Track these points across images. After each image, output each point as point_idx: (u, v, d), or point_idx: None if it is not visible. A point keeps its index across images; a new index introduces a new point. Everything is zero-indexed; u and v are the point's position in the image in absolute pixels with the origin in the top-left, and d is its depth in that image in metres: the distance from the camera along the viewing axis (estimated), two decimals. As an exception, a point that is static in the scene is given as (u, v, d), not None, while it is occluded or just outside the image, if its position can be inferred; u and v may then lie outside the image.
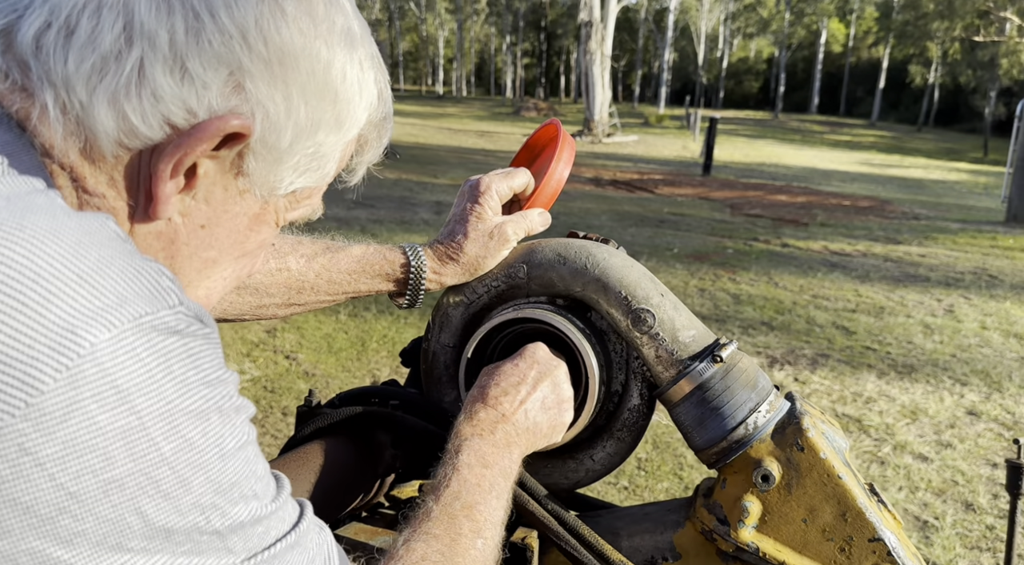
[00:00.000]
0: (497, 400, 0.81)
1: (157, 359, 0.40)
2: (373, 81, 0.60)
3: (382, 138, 0.66)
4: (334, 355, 4.68)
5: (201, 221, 0.54)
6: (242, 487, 0.45)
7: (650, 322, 0.90)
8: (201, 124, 0.49)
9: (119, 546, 0.40)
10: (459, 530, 0.68)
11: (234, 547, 0.45)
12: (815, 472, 0.83)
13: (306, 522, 0.51)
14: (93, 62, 0.47)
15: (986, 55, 34.77)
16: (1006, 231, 9.93)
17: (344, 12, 0.56)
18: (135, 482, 0.39)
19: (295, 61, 0.52)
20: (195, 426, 0.42)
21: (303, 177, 0.58)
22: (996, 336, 5.44)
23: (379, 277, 0.92)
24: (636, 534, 0.93)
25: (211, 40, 0.48)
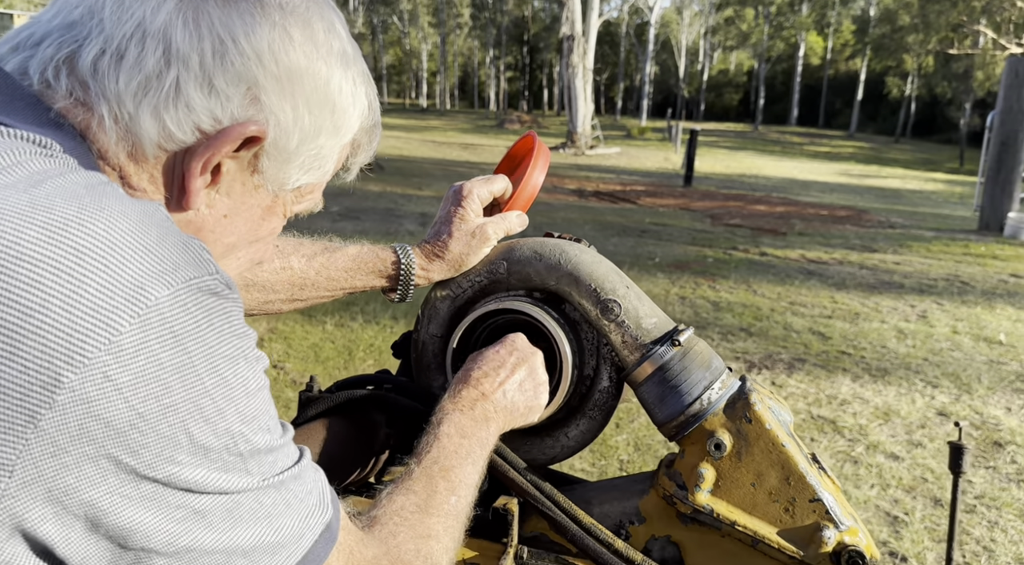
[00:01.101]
0: (478, 381, 0.92)
1: (202, 312, 0.51)
2: (364, 94, 0.72)
3: (372, 142, 0.78)
4: (321, 364, 4.75)
5: (224, 211, 0.66)
6: (260, 421, 0.55)
7: (616, 311, 1.01)
8: (225, 129, 0.60)
9: (171, 458, 0.50)
10: (435, 488, 0.79)
11: (252, 470, 0.55)
12: (762, 441, 0.94)
13: (306, 461, 0.62)
14: (139, 81, 0.58)
15: (961, 67, 35.43)
16: (978, 239, 10.17)
17: (340, 37, 0.68)
18: (185, 408, 0.49)
19: (301, 78, 0.64)
20: (229, 367, 0.52)
21: (307, 175, 0.70)
22: (967, 340, 5.60)
23: (373, 274, 1.03)
24: (606, 502, 1.03)
25: (233, 61, 0.60)
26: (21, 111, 0.56)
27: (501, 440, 1.02)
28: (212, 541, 0.53)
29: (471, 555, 0.98)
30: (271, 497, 0.57)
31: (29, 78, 0.59)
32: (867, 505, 3.30)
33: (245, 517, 0.55)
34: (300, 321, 5.51)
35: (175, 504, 0.51)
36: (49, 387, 0.45)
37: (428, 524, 0.75)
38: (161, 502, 0.50)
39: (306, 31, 0.64)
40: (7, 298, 0.44)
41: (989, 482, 3.53)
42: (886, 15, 44.97)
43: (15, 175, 0.50)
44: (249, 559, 0.55)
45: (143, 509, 0.50)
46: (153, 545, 0.51)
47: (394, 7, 60.99)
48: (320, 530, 0.61)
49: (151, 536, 0.51)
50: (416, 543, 0.73)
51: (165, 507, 0.51)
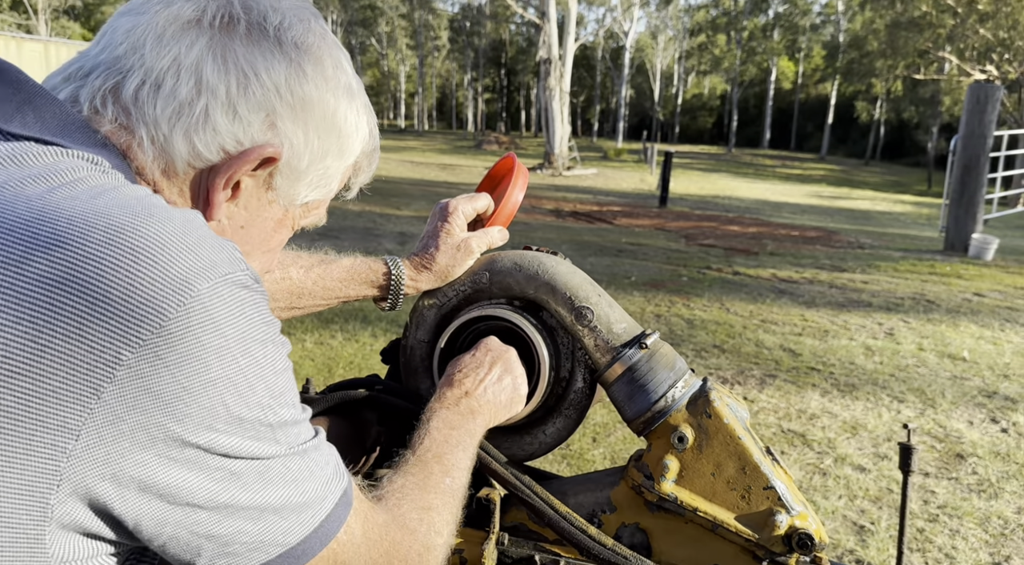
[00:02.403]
0: (460, 381, 1.02)
1: (237, 302, 0.59)
2: (366, 122, 0.82)
3: (371, 165, 0.89)
4: (300, 382, 4.76)
5: (241, 223, 0.76)
6: (286, 396, 0.64)
7: (589, 317, 1.10)
8: (246, 150, 0.70)
9: (211, 427, 0.58)
10: (430, 470, 0.88)
11: (280, 439, 0.63)
12: (720, 434, 1.04)
13: (321, 436, 0.71)
14: (174, 107, 0.68)
15: (928, 92, 36.34)
16: (943, 259, 10.45)
17: (346, 73, 0.78)
18: (223, 383, 0.58)
19: (312, 107, 0.74)
20: (259, 349, 0.61)
21: (314, 192, 0.80)
22: (932, 357, 5.77)
23: (365, 284, 1.12)
24: (580, 493, 1.12)
25: (255, 92, 0.70)
26: (74, 134, 0.65)
27: (484, 437, 1.11)
28: (247, 499, 0.61)
29: (456, 542, 1.06)
30: (296, 464, 0.65)
31: (79, 105, 0.68)
32: (835, 515, 3.41)
33: (275, 480, 0.63)
34: (279, 339, 5.55)
35: (215, 466, 0.59)
36: (111, 364, 0.53)
37: (427, 498, 0.84)
38: (203, 464, 0.58)
39: (317, 67, 0.74)
40: (77, 290, 0.53)
41: (951, 493, 3.65)
42: (855, 41, 46.06)
43: (79, 188, 0.59)
44: (280, 516, 0.63)
45: (187, 470, 0.58)
46: (197, 501, 0.59)
47: (372, 29, 61.35)
48: (339, 495, 0.69)
49: (195, 493, 0.59)
50: (419, 513, 0.81)
51: (206, 469, 0.59)
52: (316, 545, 0.66)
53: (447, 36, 63.46)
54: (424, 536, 0.80)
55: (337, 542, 0.69)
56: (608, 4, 50.94)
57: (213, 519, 0.60)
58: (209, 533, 0.60)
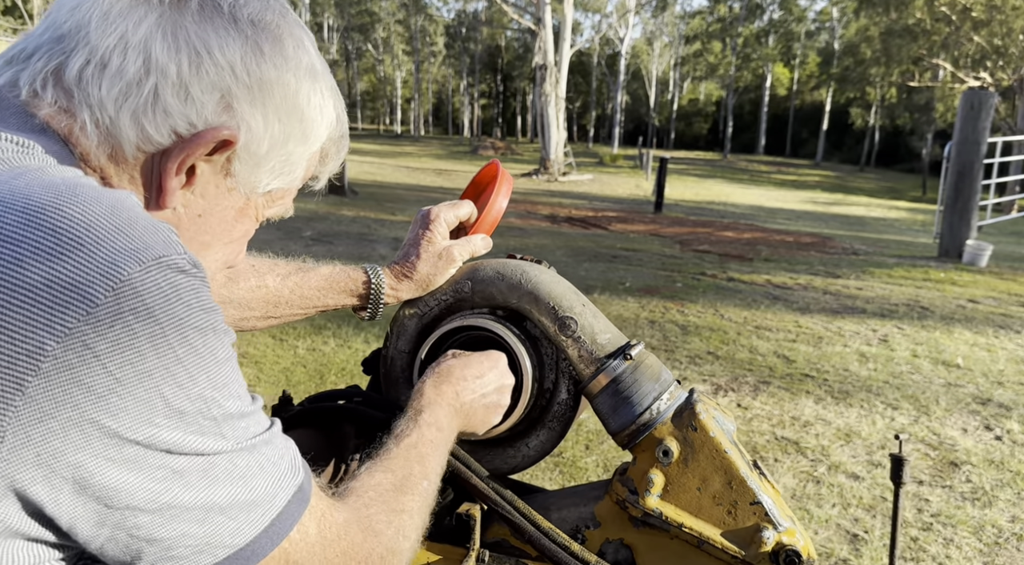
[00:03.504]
0: (458, 382, 0.99)
1: (171, 287, 0.55)
2: (332, 106, 0.78)
3: (339, 152, 0.84)
4: (292, 388, 4.76)
5: (198, 211, 0.71)
6: (231, 388, 0.60)
7: (573, 327, 1.08)
8: (200, 133, 0.66)
9: (150, 421, 0.54)
10: (411, 470, 0.84)
11: (227, 434, 0.59)
12: (706, 448, 1.01)
13: (276, 429, 0.67)
14: (120, 88, 0.64)
15: (922, 99, 36.49)
16: (938, 265, 10.46)
17: (308, 53, 0.74)
18: (159, 374, 0.54)
19: (270, 88, 0.70)
20: (198, 337, 0.57)
21: (277, 180, 0.75)
22: (926, 363, 5.76)
23: (344, 293, 1.09)
24: (564, 508, 1.09)
25: (208, 71, 0.66)
26: (7, 120, 0.62)
27: (465, 450, 1.08)
28: (191, 499, 0.57)
29: (435, 559, 1.03)
30: (245, 459, 0.61)
31: (19, 89, 0.64)
32: (828, 523, 3.39)
33: (221, 477, 0.59)
34: (271, 345, 5.52)
35: (156, 465, 0.55)
36: (34, 356, 0.50)
37: (402, 501, 0.80)
38: (143, 463, 0.55)
39: (276, 46, 0.70)
40: None
41: (945, 501, 3.63)
42: (849, 48, 46.24)
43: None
44: (227, 515, 0.60)
45: (126, 470, 0.54)
46: (137, 503, 0.55)
47: (368, 35, 61.42)
48: (293, 491, 0.65)
49: (134, 494, 0.55)
50: (389, 516, 0.78)
51: (147, 468, 0.55)
52: (266, 545, 0.63)
53: (443, 42, 63.55)
54: (390, 539, 0.76)
55: (289, 541, 0.65)
56: (604, 10, 51.08)
57: (155, 522, 0.57)
58: (151, 536, 0.57)
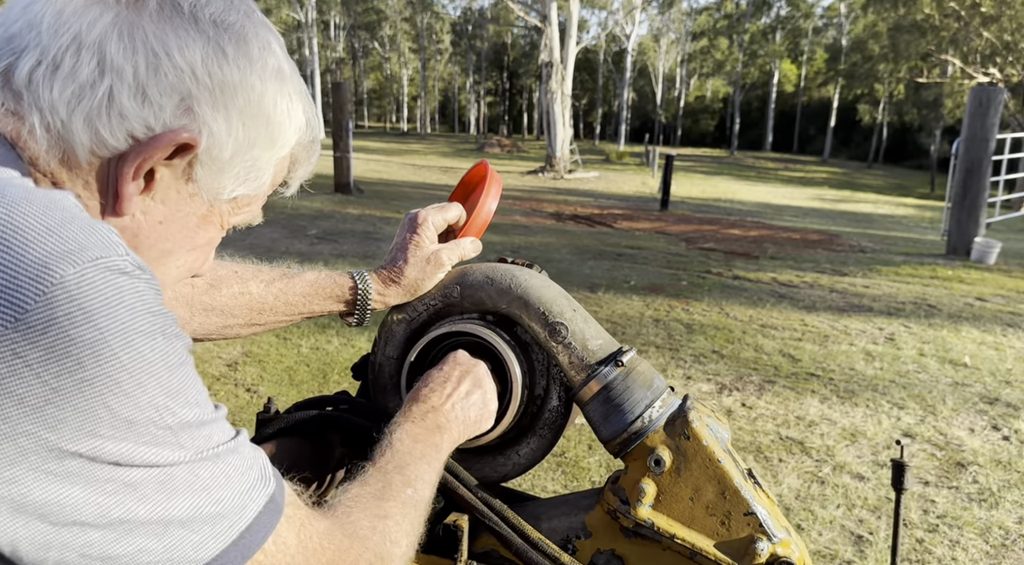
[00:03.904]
0: (426, 396, 0.97)
1: (111, 290, 0.53)
2: (301, 110, 0.75)
3: (310, 158, 0.81)
4: (295, 387, 4.75)
5: (159, 218, 0.68)
6: (186, 394, 0.57)
7: (564, 333, 1.05)
8: (157, 136, 0.63)
9: (92, 432, 0.51)
10: (390, 481, 0.82)
11: (184, 443, 0.56)
12: (699, 457, 0.99)
13: (242, 437, 0.64)
14: (73, 90, 0.61)
15: (930, 95, 36.28)
16: (945, 263, 10.38)
17: (275, 55, 0.72)
18: (101, 382, 0.51)
19: (234, 91, 0.67)
20: (145, 342, 0.54)
21: (242, 186, 0.72)
22: (932, 362, 5.71)
23: (330, 299, 1.07)
24: (554, 518, 1.07)
25: (167, 73, 0.63)
26: None
27: (454, 458, 1.06)
28: (146, 513, 0.54)
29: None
30: (208, 469, 0.58)
31: None
32: (832, 525, 3.36)
33: (180, 489, 0.56)
34: (275, 344, 5.51)
35: (104, 478, 0.52)
36: None
37: (384, 507, 0.78)
38: (88, 476, 0.52)
39: (240, 47, 0.67)
40: None
41: (951, 502, 3.60)
42: (857, 44, 46.02)
43: None
44: (189, 529, 0.57)
45: (70, 484, 0.51)
46: (85, 519, 0.52)
47: (375, 32, 61.44)
48: (264, 502, 0.62)
49: (81, 509, 0.52)
50: (372, 521, 0.75)
51: (93, 481, 0.52)
52: (236, 558, 0.60)
53: (449, 39, 63.55)
54: (377, 545, 0.74)
55: (264, 553, 0.62)
56: (610, 7, 50.94)
57: (108, 538, 0.53)
58: (104, 554, 0.54)
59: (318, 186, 16.79)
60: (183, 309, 0.97)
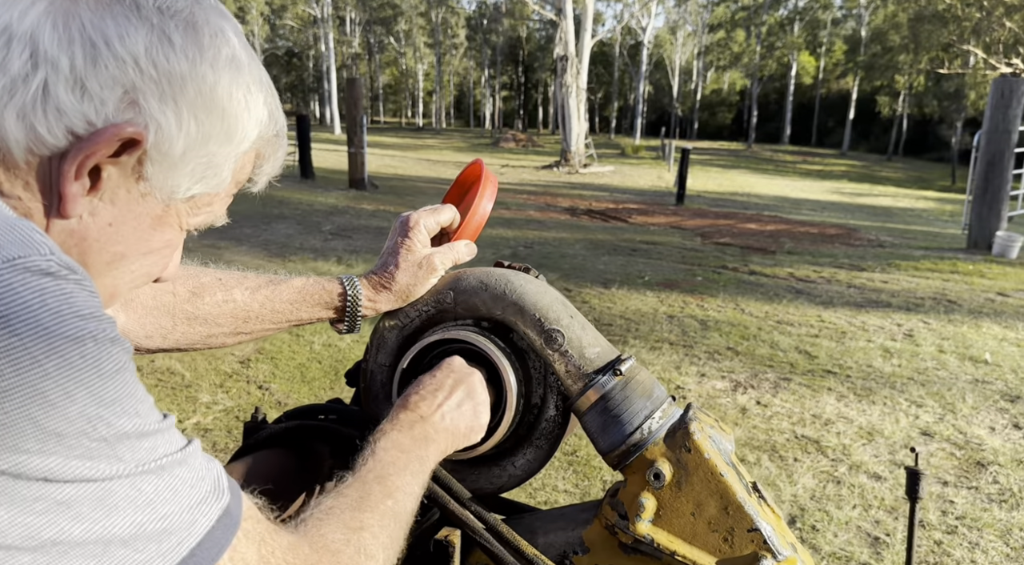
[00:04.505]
0: (416, 404, 0.93)
1: (32, 293, 0.49)
2: (263, 102, 0.70)
3: (277, 152, 0.76)
4: (307, 384, 4.74)
5: (108, 220, 0.64)
6: (124, 404, 0.53)
7: (560, 341, 1.01)
8: (98, 131, 0.59)
9: (15, 447, 0.47)
10: (369, 491, 0.78)
11: (123, 456, 0.52)
12: (701, 470, 0.95)
13: (193, 448, 0.60)
14: (4, 84, 0.57)
15: (952, 86, 35.77)
16: (966, 257, 10.22)
17: (230, 43, 0.67)
18: (22, 392, 0.48)
19: (183, 82, 0.63)
20: (72, 349, 0.50)
21: (199, 184, 0.68)
22: (952, 359, 5.61)
23: (319, 306, 1.04)
24: (551, 532, 1.03)
25: (107, 65, 0.59)
26: None
27: (447, 470, 1.02)
28: (83, 532, 0.51)
29: (413, 586, 0.98)
30: (151, 483, 0.54)
31: None
32: (848, 526, 3.30)
33: (121, 505, 0.52)
34: (287, 341, 5.51)
35: (31, 496, 0.49)
36: None
37: (360, 518, 0.74)
38: (13, 495, 0.48)
39: (189, 36, 0.63)
40: None
41: (971, 503, 3.53)
42: (877, 35, 45.46)
43: None
44: (131, 548, 0.53)
45: None
46: (12, 541, 0.48)
47: (390, 27, 61.46)
48: (216, 516, 0.58)
49: (6, 532, 0.48)
50: (346, 533, 0.71)
51: (19, 501, 0.48)
52: None
53: (465, 34, 63.44)
54: (350, 558, 0.70)
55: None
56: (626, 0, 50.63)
57: (39, 562, 0.50)
58: None
59: (333, 182, 16.83)
60: (165, 318, 0.94)
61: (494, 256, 9.16)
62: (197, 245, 8.78)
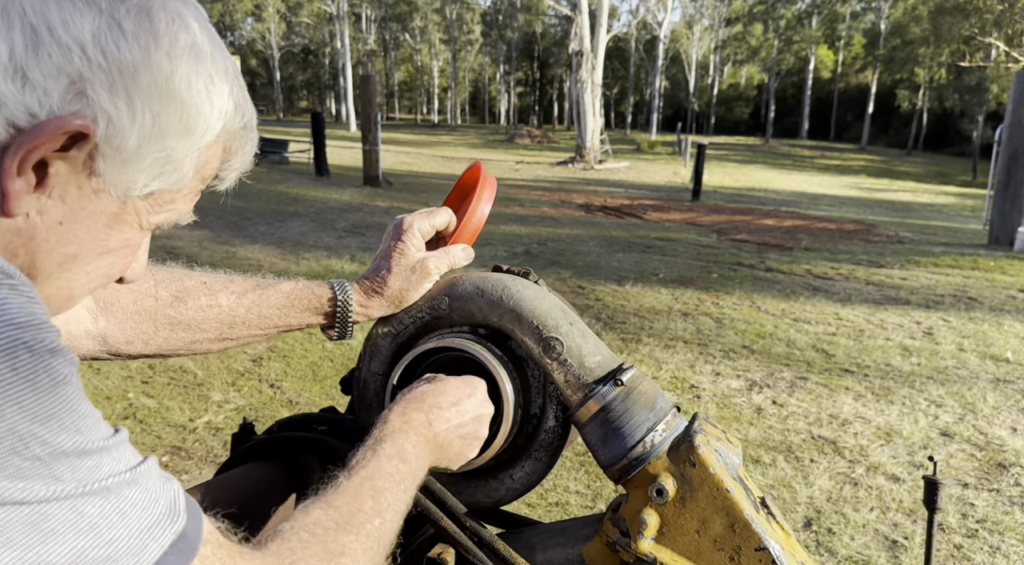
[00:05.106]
0: (430, 409, 0.88)
1: None
2: (227, 93, 0.65)
3: (247, 145, 0.71)
4: (319, 383, 4.73)
5: (58, 218, 0.60)
6: (64, 419, 0.50)
7: (559, 349, 0.97)
8: (42, 123, 0.55)
9: None
10: (360, 506, 0.73)
11: (62, 475, 0.49)
12: (706, 486, 0.90)
13: (147, 466, 0.56)
14: None
15: (973, 79, 35.29)
16: (987, 254, 10.05)
17: (188, 30, 0.62)
18: None
19: (136, 72, 0.58)
20: (2, 361, 0.47)
21: (157, 180, 0.63)
22: (973, 358, 5.51)
23: (308, 311, 1.00)
24: (550, 548, 0.99)
25: (50, 53, 0.55)
26: None
27: (441, 482, 0.98)
28: (13, 560, 0.47)
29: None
30: (96, 506, 0.51)
31: None
32: (866, 529, 3.23)
33: (59, 530, 0.48)
34: (300, 339, 5.50)
35: None
36: None
37: (343, 541, 0.70)
38: None
39: (142, 22, 0.59)
40: None
41: (992, 505, 3.45)
42: (897, 28, 44.90)
43: None
44: None
45: None
46: None
47: (406, 24, 61.53)
48: (171, 541, 0.54)
49: None
50: (324, 559, 0.67)
51: None
52: None
53: (480, 30, 63.38)
54: None
55: None
56: (641, -6, 50.33)
57: None
58: None
59: (348, 179, 16.85)
60: (146, 323, 0.91)
61: (506, 253, 9.12)
62: (210, 243, 8.82)
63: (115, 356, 0.91)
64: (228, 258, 8.12)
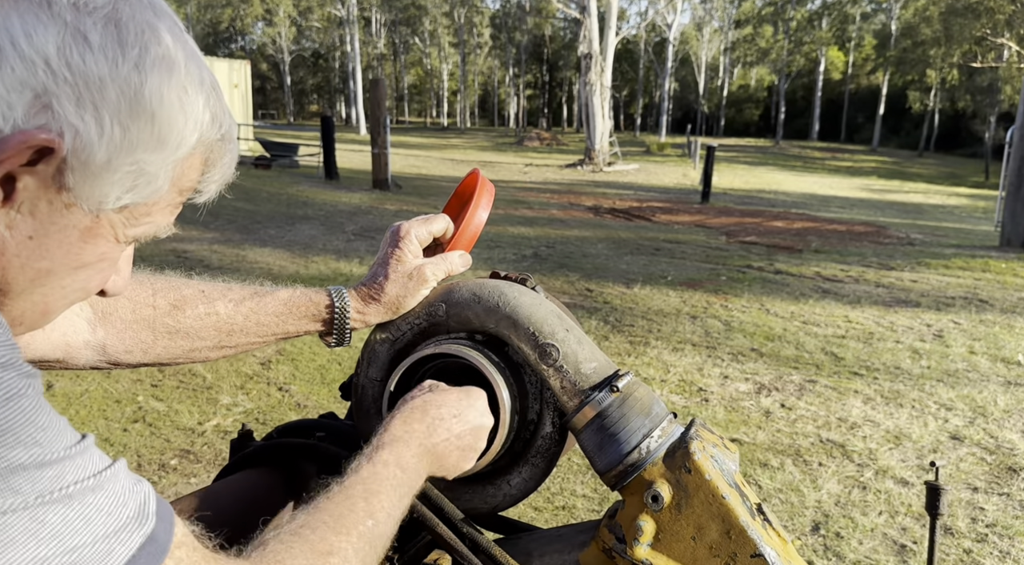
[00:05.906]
0: (432, 420, 0.89)
1: None
2: (203, 104, 0.64)
3: (226, 157, 0.70)
4: (327, 386, 4.74)
5: (28, 233, 0.59)
6: (19, 433, 0.49)
7: (555, 356, 0.97)
8: (5, 138, 0.54)
9: None
10: (352, 507, 0.73)
11: (20, 488, 0.49)
12: (701, 492, 0.90)
13: (115, 470, 0.55)
14: None
15: (985, 80, 35.06)
16: (999, 255, 9.98)
17: (160, 41, 0.61)
18: None
19: (103, 85, 0.57)
20: None
21: (130, 194, 0.62)
22: (983, 361, 5.47)
23: (306, 318, 1.00)
24: (547, 554, 0.99)
25: (13, 66, 0.54)
26: None
27: (438, 488, 0.99)
28: None
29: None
30: (58, 514, 0.50)
31: None
32: (874, 533, 3.22)
33: (19, 539, 0.48)
34: (309, 343, 5.52)
35: None
36: None
37: (332, 541, 0.69)
38: None
39: (109, 34, 0.58)
40: None
41: (1002, 510, 3.42)
42: (908, 29, 44.69)
43: None
44: None
45: None
46: None
47: (415, 27, 61.71)
48: (139, 544, 0.54)
49: None
50: (312, 559, 0.67)
51: None
52: None
53: (489, 33, 63.47)
54: None
55: None
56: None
57: None
58: None
59: (357, 182, 16.91)
60: (145, 332, 0.91)
61: (515, 255, 9.12)
62: (220, 247, 8.87)
63: (115, 365, 0.92)
64: (238, 261, 8.16)
